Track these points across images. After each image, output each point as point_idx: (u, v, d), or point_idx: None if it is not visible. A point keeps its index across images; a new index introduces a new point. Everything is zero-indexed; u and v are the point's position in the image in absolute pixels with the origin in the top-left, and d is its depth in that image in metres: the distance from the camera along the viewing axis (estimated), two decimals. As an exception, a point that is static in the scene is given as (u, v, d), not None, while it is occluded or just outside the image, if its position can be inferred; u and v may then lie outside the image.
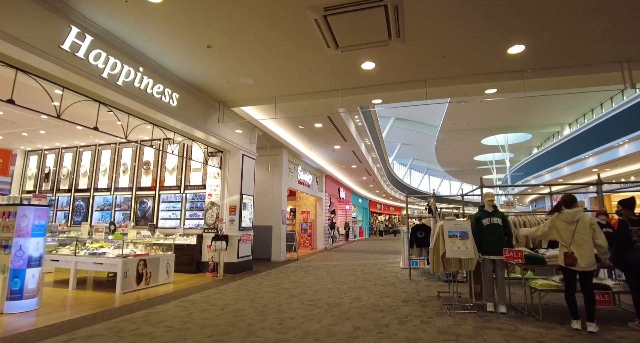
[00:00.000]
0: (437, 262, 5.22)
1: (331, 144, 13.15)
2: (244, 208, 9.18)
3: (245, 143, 9.45)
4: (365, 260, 12.12)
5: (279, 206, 11.90)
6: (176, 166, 10.21)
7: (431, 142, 30.89)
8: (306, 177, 15.38)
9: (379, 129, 15.38)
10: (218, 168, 9.32)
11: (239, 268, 8.86)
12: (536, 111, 23.11)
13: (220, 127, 8.31)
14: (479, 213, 5.28)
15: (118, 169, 11.07)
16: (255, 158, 10.02)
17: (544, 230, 4.32)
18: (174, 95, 6.72)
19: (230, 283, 7.36)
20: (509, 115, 23.66)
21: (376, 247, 18.46)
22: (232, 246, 8.76)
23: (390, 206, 44.63)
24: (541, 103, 21.74)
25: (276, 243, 11.67)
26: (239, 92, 7.52)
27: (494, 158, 35.15)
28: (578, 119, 24.01)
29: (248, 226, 9.35)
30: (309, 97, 7.42)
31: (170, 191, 10.18)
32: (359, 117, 11.66)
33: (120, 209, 10.88)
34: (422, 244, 7.87)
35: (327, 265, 10.63)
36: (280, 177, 12.11)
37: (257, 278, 8.02)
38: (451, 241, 4.99)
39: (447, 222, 5.12)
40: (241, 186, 9.10)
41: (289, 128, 10.79)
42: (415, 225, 8.05)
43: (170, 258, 7.53)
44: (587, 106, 22.33)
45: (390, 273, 8.92)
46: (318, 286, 7.06)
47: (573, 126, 24.76)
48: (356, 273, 8.92)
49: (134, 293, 6.33)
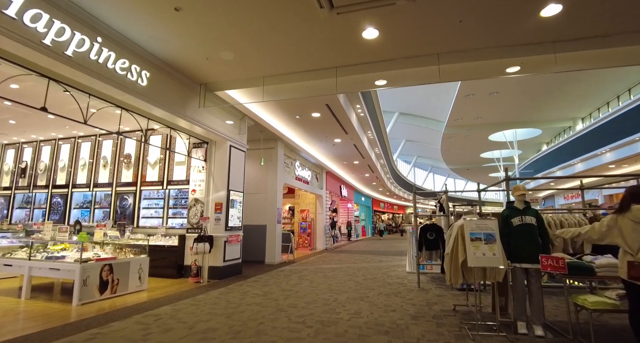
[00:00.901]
0: (456, 271, 4.23)
1: (331, 137, 12.16)
2: (232, 206, 8.21)
3: (233, 133, 8.48)
4: (368, 262, 11.13)
5: (274, 203, 10.93)
6: (159, 160, 9.27)
7: (436, 138, 29.78)
8: (305, 173, 14.40)
9: (382, 121, 14.38)
10: (202, 160, 8.36)
11: (226, 273, 7.90)
12: (547, 105, 21.98)
13: (204, 115, 7.34)
14: (507, 211, 4.28)
15: (98, 163, 10.15)
16: (245, 150, 9.05)
17: (600, 231, 3.30)
18: (144, 73, 5.76)
19: (211, 292, 6.40)
20: (519, 109, 22.53)
21: (379, 248, 17.46)
22: (217, 249, 7.81)
23: (393, 204, 43.60)
24: (553, 97, 20.65)
25: (270, 244, 10.71)
26: (222, 71, 6.54)
27: (501, 155, 34.02)
28: (592, 113, 22.86)
29: (236, 226, 8.38)
30: (303, 78, 6.43)
31: (153, 187, 9.24)
32: (360, 107, 10.65)
33: (100, 207, 9.96)
34: (432, 247, 6.87)
35: (325, 268, 9.65)
36: (275, 172, 11.14)
37: (244, 285, 7.05)
38: (474, 245, 3.99)
39: (468, 222, 4.12)
40: (228, 181, 8.13)
41: (284, 118, 9.81)
42: (425, 224, 7.05)
43: (143, 262, 6.58)
44: (601, 99, 21.19)
45: (395, 278, 7.92)
46: (312, 296, 6.08)
47: (586, 120, 23.61)
48: (357, 278, 7.93)
49: (96, 305, 5.39)
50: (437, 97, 24.52)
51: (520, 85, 18.23)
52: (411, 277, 8.05)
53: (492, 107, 21.76)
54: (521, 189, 4.24)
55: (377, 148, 16.16)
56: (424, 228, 6.95)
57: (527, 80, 17.32)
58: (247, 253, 10.79)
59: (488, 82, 17.54)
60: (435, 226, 6.96)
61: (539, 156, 26.97)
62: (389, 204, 41.26)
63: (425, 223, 7.07)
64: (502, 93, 19.59)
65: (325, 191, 17.38)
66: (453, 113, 22.56)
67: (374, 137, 14.14)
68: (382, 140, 16.33)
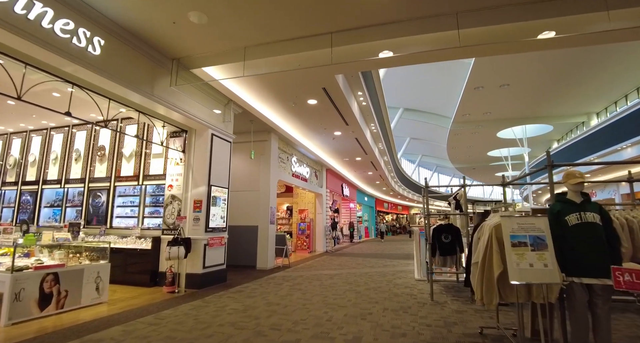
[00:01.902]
0: (489, 288, 3.13)
1: (330, 130, 11.07)
2: (214, 204, 7.14)
3: (216, 120, 7.41)
4: (371, 267, 10.02)
5: (267, 202, 9.85)
6: (134, 152, 8.22)
7: (442, 136, 28.63)
8: (303, 170, 13.32)
9: (386, 113, 13.25)
10: (180, 151, 7.30)
11: (206, 281, 6.83)
12: (560, 99, 20.78)
13: (179, 97, 6.28)
14: (559, 205, 3.17)
15: (70, 156, 9.12)
16: (231, 140, 7.97)
17: None
18: (96, 40, 4.70)
19: (182, 306, 5.33)
20: (530, 104, 21.33)
21: (383, 250, 16.33)
22: (196, 253, 6.74)
23: (397, 205, 42.44)
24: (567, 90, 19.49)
25: (262, 247, 9.63)
26: (195, 41, 5.47)
27: (510, 153, 32.77)
28: (608, 107, 21.62)
29: (219, 227, 7.31)
30: (292, 48, 5.35)
31: (128, 182, 8.20)
32: (362, 95, 9.56)
33: (72, 205, 8.94)
34: (447, 251, 5.77)
35: (323, 275, 8.55)
36: (268, 168, 10.06)
37: (225, 297, 5.97)
38: (516, 253, 2.89)
39: (507, 220, 3.02)
40: (209, 174, 7.06)
41: (276, 106, 8.73)
42: (439, 225, 5.93)
43: (102, 269, 5.52)
44: (619, 92, 19.97)
45: (403, 288, 6.81)
46: (303, 312, 4.99)
47: (602, 115, 22.37)
48: (359, 288, 6.83)
49: (33, 324, 4.33)
50: (444, 91, 23.38)
51: (533, 76, 17.07)
52: (421, 286, 6.94)
53: (502, 101, 20.60)
54: (577, 175, 3.12)
55: (380, 143, 15.06)
56: (437, 230, 5.84)
57: (541, 71, 16.17)
58: (237, 257, 9.73)
59: (498, 73, 16.43)
60: (452, 228, 5.85)
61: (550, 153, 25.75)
62: (392, 205, 40.10)
63: (440, 224, 5.97)
64: (513, 86, 18.44)
65: (325, 189, 16.29)
66: (461, 108, 21.40)
67: (378, 130, 13.03)
68: (386, 135, 15.22)
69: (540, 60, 15.22)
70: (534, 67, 16.00)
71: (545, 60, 15.39)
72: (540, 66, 15.91)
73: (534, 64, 15.37)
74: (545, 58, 15.25)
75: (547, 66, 16.02)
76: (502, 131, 26.76)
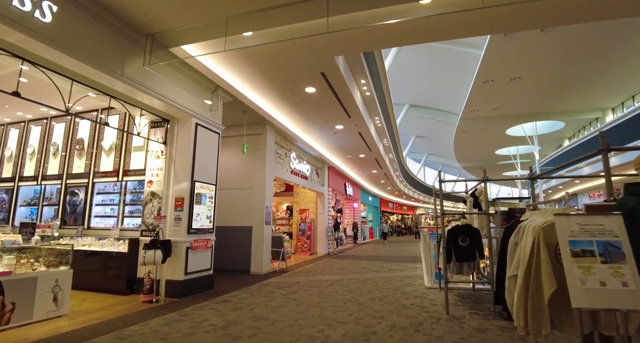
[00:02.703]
0: (537, 312, 2.30)
1: (332, 123, 10.26)
2: (199, 202, 6.36)
3: (201, 108, 6.62)
4: (376, 272, 9.19)
5: (262, 201, 9.06)
6: (114, 145, 7.47)
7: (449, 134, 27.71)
8: (303, 167, 12.51)
9: (391, 106, 12.38)
10: (162, 143, 6.53)
11: (188, 289, 6.04)
12: (574, 94, 19.80)
13: (156, 80, 5.50)
14: (633, 200, 2.33)
15: (48, 150, 8.40)
16: (219, 131, 7.18)
17: None
18: (46, 4, 3.93)
19: (154, 320, 4.54)
20: (542, 99, 20.36)
21: (389, 252, 15.48)
22: (176, 258, 5.96)
23: (403, 205, 41.53)
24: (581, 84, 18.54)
25: (257, 250, 8.83)
26: (170, 12, 4.70)
27: (518, 152, 31.73)
28: (625, 102, 20.59)
29: (205, 228, 6.52)
30: (280, 17, 4.55)
31: (107, 178, 7.45)
32: (366, 83, 8.74)
33: (49, 204, 8.20)
34: (465, 256, 4.93)
35: (322, 281, 7.74)
36: (263, 163, 9.26)
37: (206, 309, 5.18)
38: (580, 266, 2.06)
39: (564, 220, 2.19)
40: (193, 168, 6.28)
41: (271, 95, 7.95)
42: (455, 226, 5.09)
43: (62, 276, 4.76)
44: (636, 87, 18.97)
45: (412, 297, 5.98)
46: (293, 330, 4.18)
47: (618, 110, 21.35)
48: (361, 297, 6.01)
49: (-35, 346, 3.57)
50: (452, 86, 22.46)
51: (546, 69, 16.13)
52: (432, 295, 6.11)
53: (513, 95, 19.64)
54: (658, 159, 2.29)
55: (385, 139, 14.22)
56: (453, 231, 5.00)
57: (554, 63, 15.23)
58: (229, 261, 8.96)
59: (510, 65, 15.50)
60: (469, 229, 5.00)
61: (562, 151, 24.73)
62: (397, 205, 39.19)
63: (456, 225, 5.12)
64: (524, 79, 17.48)
65: (327, 188, 15.47)
66: (469, 103, 20.47)
67: (382, 124, 12.20)
68: (391, 130, 14.37)
69: (554, 52, 14.28)
70: (547, 59, 15.05)
71: (559, 52, 14.44)
72: (554, 57, 14.95)
73: (547, 55, 14.44)
74: (559, 50, 14.30)
75: (561, 57, 15.05)
76: (512, 128, 25.81)
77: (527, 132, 26.47)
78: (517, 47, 13.94)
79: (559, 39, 13.21)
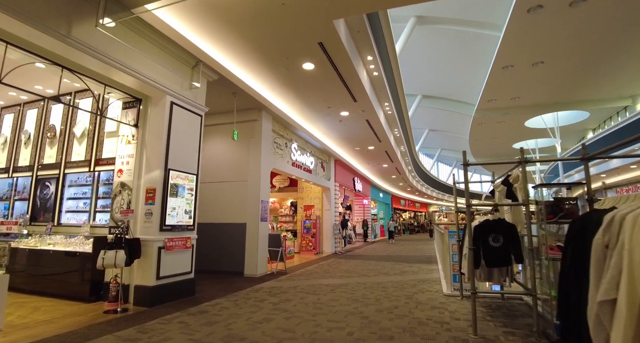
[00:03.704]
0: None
1: (336, 109, 9.23)
2: (174, 194, 5.42)
3: (178, 85, 5.67)
4: (386, 275, 8.14)
5: (257, 195, 8.09)
6: (86, 131, 6.60)
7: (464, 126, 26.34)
8: (306, 159, 11.51)
9: (401, 90, 11.22)
10: (133, 126, 5.61)
11: (160, 296, 5.10)
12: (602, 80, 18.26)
13: (115, 47, 4.56)
14: None
15: (20, 139, 7.61)
16: (202, 114, 6.22)
17: None
18: None
19: (103, 338, 3.61)
20: (566, 85, 18.79)
21: (400, 252, 14.38)
22: (147, 259, 5.04)
23: (415, 202, 40.20)
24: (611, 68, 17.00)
25: (251, 250, 7.88)
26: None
27: (537, 145, 30.06)
28: (658, 88, 18.94)
29: (183, 225, 5.57)
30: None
31: (79, 169, 6.59)
32: (373, 60, 7.69)
33: (21, 198, 7.42)
34: (498, 260, 3.86)
35: (323, 286, 6.74)
36: (258, 153, 8.28)
37: (175, 322, 4.23)
38: None
39: None
40: (167, 155, 5.34)
41: (264, 73, 6.97)
42: (485, 221, 4.01)
43: (-5, 284, 3.87)
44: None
45: (429, 309, 4.92)
46: (274, 355, 3.19)
47: (650, 98, 19.71)
48: (367, 308, 4.99)
49: None
50: (468, 75, 21.11)
51: (572, 52, 14.66)
52: (454, 306, 5.04)
53: (533, 83, 18.17)
54: None
55: (396, 129, 13.11)
56: (482, 229, 3.92)
57: (580, 46, 13.78)
58: (221, 262, 8.05)
59: (531, 49, 14.12)
60: (503, 225, 3.91)
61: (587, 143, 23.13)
62: (410, 202, 37.90)
63: (485, 220, 4.05)
64: (547, 63, 15.99)
65: (334, 183, 14.44)
66: (486, 92, 19.09)
67: (393, 112, 11.11)
68: (402, 119, 13.24)
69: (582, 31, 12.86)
70: (574, 41, 13.60)
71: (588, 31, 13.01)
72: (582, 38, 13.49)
73: (575, 36, 13.01)
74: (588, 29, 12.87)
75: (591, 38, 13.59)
76: (531, 120, 24.25)
77: (548, 123, 24.88)
78: (541, 27, 12.55)
79: (588, 17, 11.80)
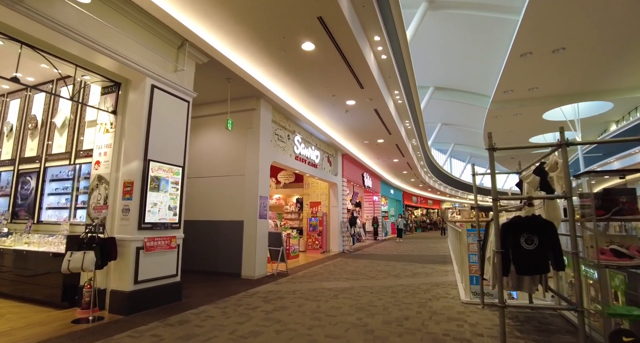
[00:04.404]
0: None
1: (342, 97, 8.55)
2: (156, 188, 4.82)
3: (161, 67, 5.06)
4: (396, 277, 7.45)
5: (255, 190, 7.47)
6: (67, 120, 6.07)
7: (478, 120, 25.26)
8: (310, 153, 10.85)
9: (412, 77, 10.41)
10: (111, 112, 5.03)
11: (138, 302, 4.52)
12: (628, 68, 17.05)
13: (81, 18, 3.97)
14: None
15: (2, 132, 7.15)
16: (189, 99, 5.59)
17: None
18: None
19: (52, 361, 3.04)
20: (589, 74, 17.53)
21: (412, 251, 13.63)
22: (124, 261, 4.46)
23: (428, 199, 39.20)
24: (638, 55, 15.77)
25: (249, 250, 7.27)
26: None
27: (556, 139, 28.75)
28: (690, 76, 17.62)
29: (167, 223, 4.98)
30: None
31: (60, 161, 6.07)
32: (381, 41, 6.97)
33: (3, 195, 6.95)
34: (532, 267, 3.14)
35: (326, 290, 6.08)
36: (256, 145, 7.65)
37: (147, 335, 3.64)
38: None
39: None
40: (146, 144, 4.74)
41: (260, 56, 6.33)
42: (516, 218, 3.28)
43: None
44: None
45: (446, 321, 4.23)
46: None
47: (681, 86, 18.37)
48: (373, 319, 4.32)
49: None
50: (483, 64, 20.08)
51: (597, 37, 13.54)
52: (474, 317, 4.33)
53: (553, 72, 17.00)
54: None
55: (407, 121, 12.34)
56: (512, 227, 3.20)
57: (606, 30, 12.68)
58: (217, 262, 7.49)
59: (552, 34, 13.12)
60: (539, 223, 3.18)
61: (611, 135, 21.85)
62: (422, 198, 36.93)
63: (517, 216, 3.32)
64: (569, 50, 14.86)
65: (341, 178, 13.75)
66: (502, 82, 18.01)
67: (404, 101, 10.35)
68: (413, 109, 12.46)
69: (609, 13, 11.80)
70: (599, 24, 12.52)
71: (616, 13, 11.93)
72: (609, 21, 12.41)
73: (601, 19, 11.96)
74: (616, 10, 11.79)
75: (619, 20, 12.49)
76: (550, 112, 23.01)
77: (568, 116, 23.63)
78: (564, 9, 11.50)
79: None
